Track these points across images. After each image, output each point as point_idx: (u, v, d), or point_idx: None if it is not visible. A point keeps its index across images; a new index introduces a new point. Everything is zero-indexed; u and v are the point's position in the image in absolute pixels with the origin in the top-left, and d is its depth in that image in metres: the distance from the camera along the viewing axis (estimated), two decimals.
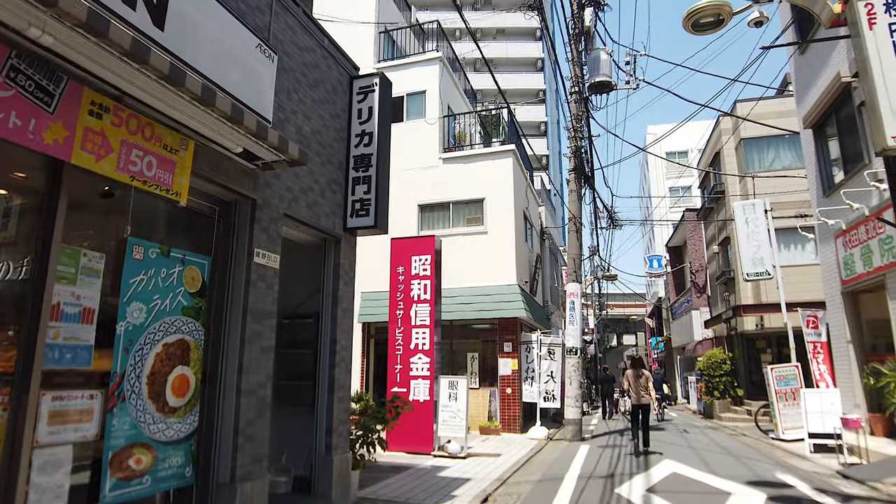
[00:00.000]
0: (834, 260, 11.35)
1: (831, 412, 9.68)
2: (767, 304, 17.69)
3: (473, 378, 14.25)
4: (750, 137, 19.38)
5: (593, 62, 14.23)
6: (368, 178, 6.10)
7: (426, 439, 10.02)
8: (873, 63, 5.46)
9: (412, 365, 10.36)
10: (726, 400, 19.47)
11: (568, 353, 13.10)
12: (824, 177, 11.69)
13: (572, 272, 13.60)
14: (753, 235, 14.22)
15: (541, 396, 13.42)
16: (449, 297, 14.10)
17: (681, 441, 12.30)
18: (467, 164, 15.20)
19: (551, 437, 13.08)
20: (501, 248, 14.29)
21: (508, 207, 14.52)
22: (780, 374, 12.33)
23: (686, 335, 27.20)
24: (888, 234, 9.17)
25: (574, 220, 13.57)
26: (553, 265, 21.90)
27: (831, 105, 10.87)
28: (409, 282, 10.67)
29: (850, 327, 10.95)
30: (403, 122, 16.08)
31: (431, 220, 15.32)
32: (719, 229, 21.72)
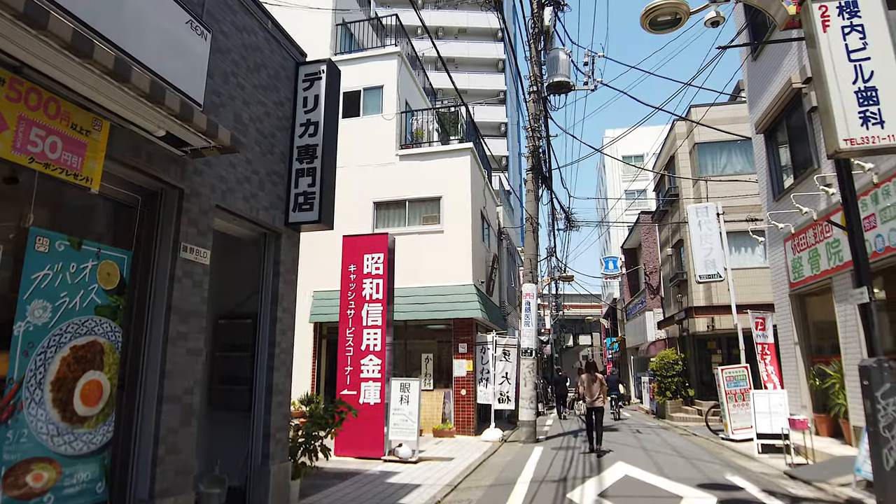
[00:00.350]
0: (783, 263, 11.54)
1: (779, 413, 9.80)
2: (718, 305, 18.01)
3: (428, 380, 13.99)
4: (704, 142, 19.72)
5: (552, 62, 14.17)
6: (313, 171, 5.75)
7: (376, 444, 9.69)
8: (826, 65, 5.43)
9: (363, 367, 10.02)
10: (678, 400, 19.77)
11: (523, 353, 12.97)
12: (775, 181, 11.89)
13: (528, 272, 13.48)
14: (706, 238, 14.40)
15: (495, 398, 13.25)
16: (403, 296, 13.80)
17: (634, 442, 12.32)
18: (424, 161, 14.92)
19: (505, 439, 12.93)
20: (458, 248, 14.07)
21: (465, 206, 14.31)
22: (729, 375, 12.48)
23: (640, 336, 27.60)
24: (835, 237, 9.33)
25: (531, 219, 13.45)
26: (510, 266, 21.84)
27: (782, 111, 11.05)
28: (360, 281, 10.33)
29: (798, 329, 11.16)
30: (360, 117, 15.71)
31: (387, 218, 14.98)
32: (673, 232, 22.07)
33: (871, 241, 8.29)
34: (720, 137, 19.40)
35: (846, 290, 9.06)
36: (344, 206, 14.86)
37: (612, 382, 19.59)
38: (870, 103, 5.24)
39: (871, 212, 8.23)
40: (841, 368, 9.47)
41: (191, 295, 4.42)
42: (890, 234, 7.81)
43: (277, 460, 5.45)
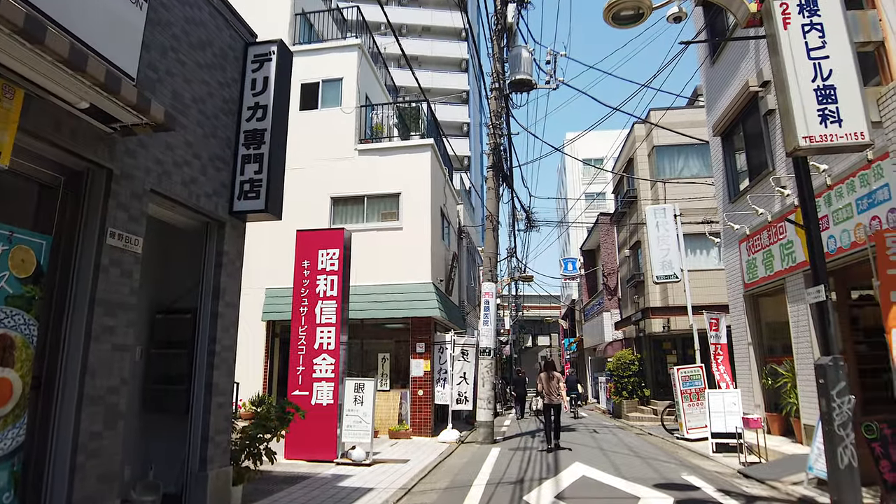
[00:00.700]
0: (738, 264, 11.70)
1: (733, 412, 9.89)
2: (674, 306, 18.27)
3: (384, 380, 13.68)
4: (662, 145, 20.01)
5: (514, 59, 14.08)
6: (260, 157, 5.42)
7: (329, 446, 9.36)
8: (787, 63, 5.40)
9: (315, 366, 9.66)
10: (634, 400, 19.98)
11: (482, 353, 12.81)
12: (731, 183, 12.05)
13: (488, 271, 13.33)
14: (663, 239, 14.54)
15: (453, 398, 13.04)
16: (360, 294, 13.46)
17: (591, 442, 12.29)
18: (384, 156, 14.61)
19: (463, 440, 12.73)
20: (417, 245, 13.81)
21: (425, 203, 14.06)
22: (685, 375, 12.60)
23: (597, 336, 27.87)
24: (789, 239, 9.47)
25: (491, 217, 13.30)
26: (470, 265, 21.71)
27: (739, 113, 11.18)
28: (314, 277, 9.96)
29: (751, 329, 11.31)
30: (318, 109, 15.30)
31: (345, 213, 14.61)
32: (631, 233, 22.33)
33: (823, 243, 8.40)
34: (678, 141, 19.72)
35: (799, 291, 9.20)
36: (300, 200, 14.48)
37: (571, 383, 20.20)
38: (828, 101, 5.23)
39: (823, 213, 8.34)
40: (793, 368, 9.61)
41: (119, 286, 4.04)
42: (842, 235, 7.93)
43: (217, 465, 5.09)
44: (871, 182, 7.26)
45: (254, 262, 14.24)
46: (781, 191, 9.04)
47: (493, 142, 13.64)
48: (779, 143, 9.79)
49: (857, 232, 7.57)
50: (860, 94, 5.17)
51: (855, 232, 7.60)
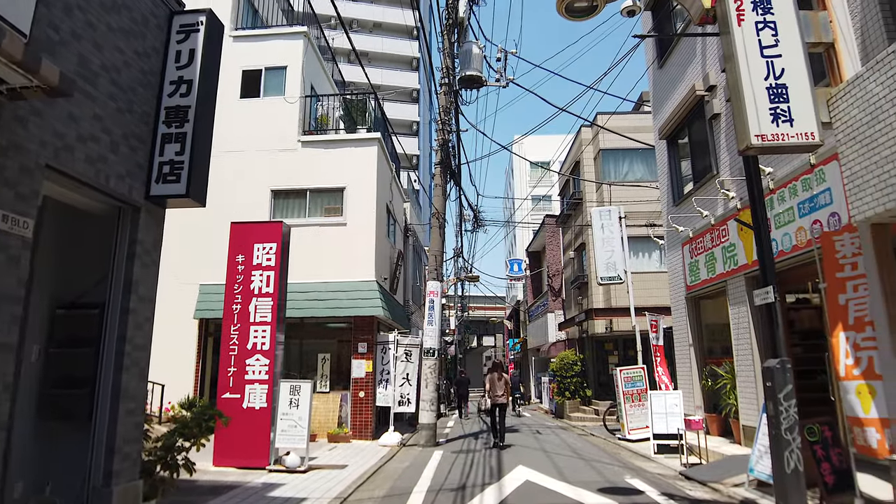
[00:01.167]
0: (680, 266, 11.80)
1: (674, 413, 9.91)
2: (617, 308, 18.48)
3: (324, 381, 13.14)
4: (608, 149, 20.23)
5: (465, 55, 13.79)
6: (183, 136, 4.89)
7: (261, 452, 8.80)
8: (740, 61, 5.31)
9: (248, 367, 9.07)
10: (576, 400, 20.11)
11: (425, 354, 12.47)
12: (675, 186, 12.16)
13: (433, 269, 13.00)
14: (608, 241, 14.60)
15: (395, 400, 12.64)
16: (301, 292, 12.89)
17: (534, 443, 12.15)
18: (329, 149, 14.06)
19: (405, 443, 12.35)
20: (361, 242, 13.35)
21: (370, 199, 13.61)
22: (627, 376, 12.64)
23: (541, 337, 28.03)
24: (731, 242, 9.56)
25: (438, 214, 12.98)
26: (416, 264, 21.35)
27: (685, 117, 11.28)
28: (249, 273, 9.37)
29: (692, 331, 11.43)
30: (259, 97, 14.59)
31: (286, 207, 13.98)
32: (576, 235, 22.50)
33: None
34: (624, 145, 19.99)
35: (740, 293, 9.30)
36: (239, 192, 13.78)
37: (514, 383, 20.39)
38: (780, 100, 5.16)
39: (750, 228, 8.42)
40: (732, 369, 9.72)
41: (3, 275, 3.47)
42: (783, 238, 8.01)
43: (125, 479, 4.54)
44: (814, 186, 7.34)
45: (186, 257, 13.47)
46: (726, 193, 9.11)
47: (442, 138, 13.33)
48: (723, 147, 9.89)
49: (798, 235, 7.65)
50: (811, 94, 5.12)
51: (796, 235, 7.69)
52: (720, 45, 9.80)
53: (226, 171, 13.85)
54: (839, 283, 5.25)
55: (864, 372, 4.83)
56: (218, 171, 13.98)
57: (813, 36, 5.52)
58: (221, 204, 13.03)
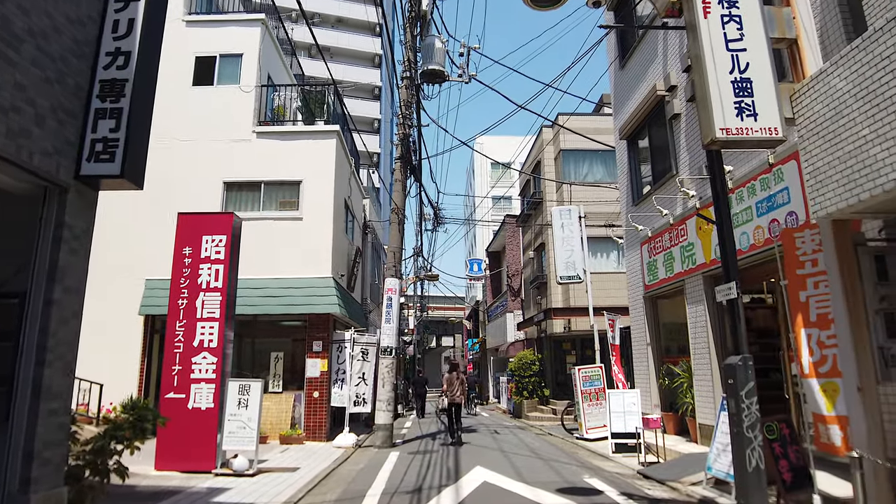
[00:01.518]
0: (639, 266, 11.85)
1: (632, 412, 9.91)
2: (575, 307, 18.54)
3: (277, 381, 12.68)
4: (569, 149, 20.32)
5: (427, 49, 13.56)
6: (118, 112, 4.48)
7: (207, 455, 8.35)
8: (706, 53, 5.24)
9: (195, 366, 8.60)
10: (534, 400, 20.11)
11: (382, 353, 12.16)
12: (635, 186, 12.21)
13: (392, 266, 12.71)
14: (567, 240, 14.60)
15: (351, 400, 12.28)
16: (254, 288, 12.42)
17: (492, 443, 11.99)
18: (285, 141, 13.61)
19: (360, 444, 12.02)
20: (317, 237, 12.94)
21: (328, 193, 13.22)
22: (585, 375, 12.62)
23: (500, 337, 28.03)
24: (689, 241, 9.60)
25: (397, 210, 12.70)
26: (375, 262, 20.99)
27: (646, 117, 11.32)
28: (197, 266, 8.89)
29: (650, 330, 11.47)
30: (213, 86, 14.02)
31: (239, 200, 13.45)
32: (536, 235, 22.54)
33: None
34: (584, 146, 20.12)
35: (698, 292, 9.34)
36: (189, 183, 13.18)
37: (470, 383, 20.41)
38: (745, 94, 5.10)
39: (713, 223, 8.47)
40: (689, 368, 9.77)
41: None
42: (741, 238, 8.05)
43: (45, 485, 4.11)
44: (772, 185, 7.39)
45: (133, 250, 12.81)
46: (686, 192, 9.13)
47: (402, 132, 13.06)
48: (683, 147, 9.94)
49: (756, 234, 7.70)
50: (775, 89, 5.08)
51: (754, 235, 7.73)
52: (681, 46, 9.87)
53: (176, 161, 13.26)
54: (800, 280, 5.23)
55: (829, 370, 4.81)
56: (168, 160, 13.46)
57: (777, 31, 5.51)
58: (171, 195, 12.47)
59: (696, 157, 9.39)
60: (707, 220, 6.33)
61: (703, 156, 9.17)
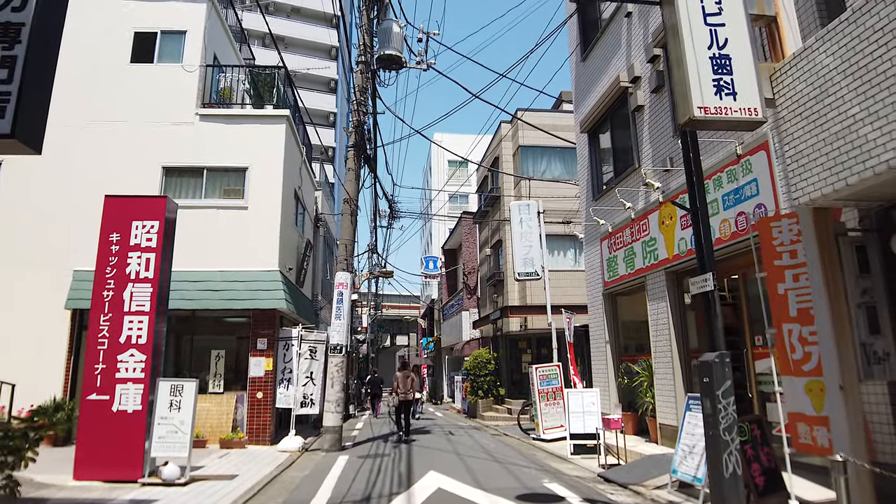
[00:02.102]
0: (598, 262, 11.58)
1: (591, 412, 9.58)
2: (532, 305, 18.28)
3: (218, 381, 11.84)
4: (527, 146, 20.04)
5: (384, 33, 12.96)
6: (12, 61, 3.76)
7: (133, 462, 7.56)
8: (683, 27, 4.87)
9: (121, 364, 7.79)
10: (489, 399, 19.76)
11: (332, 350, 11.50)
12: (595, 180, 11.94)
13: (343, 259, 12.05)
14: (526, 236, 14.25)
15: (297, 401, 11.57)
16: (193, 281, 11.58)
17: (446, 445, 11.50)
18: (231, 125, 12.76)
19: (307, 448, 11.33)
20: (264, 228, 12.17)
21: (276, 181, 12.47)
22: (542, 374, 12.29)
23: (455, 335, 27.62)
24: (652, 236, 9.34)
25: (350, 201, 12.05)
26: (328, 257, 20.21)
27: (608, 109, 11.05)
28: (125, 254, 8.07)
29: (609, 328, 11.21)
30: (153, 63, 13.04)
31: (179, 187, 12.54)
32: (493, 232, 22.21)
33: (686, 240, 8.30)
34: (542, 142, 19.89)
35: (660, 289, 9.08)
36: (124, 168, 12.17)
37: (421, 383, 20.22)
38: (724, 72, 4.75)
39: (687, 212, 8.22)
40: (650, 367, 9.52)
41: None
42: None
43: None
44: (739, 177, 7.15)
45: (60, 239, 11.73)
46: (651, 184, 8.85)
47: (357, 119, 12.42)
48: (646, 139, 9.68)
49: (722, 228, 7.45)
50: (755, 67, 4.76)
51: (720, 228, 7.49)
52: (646, 36, 9.61)
53: (111, 144, 12.27)
54: (778, 272, 4.93)
55: (815, 368, 4.49)
56: (102, 142, 12.43)
57: (756, 7, 5.20)
58: (105, 180, 11.45)
59: (660, 150, 9.14)
60: (680, 206, 5.99)
61: (667, 148, 8.93)
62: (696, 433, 6.19)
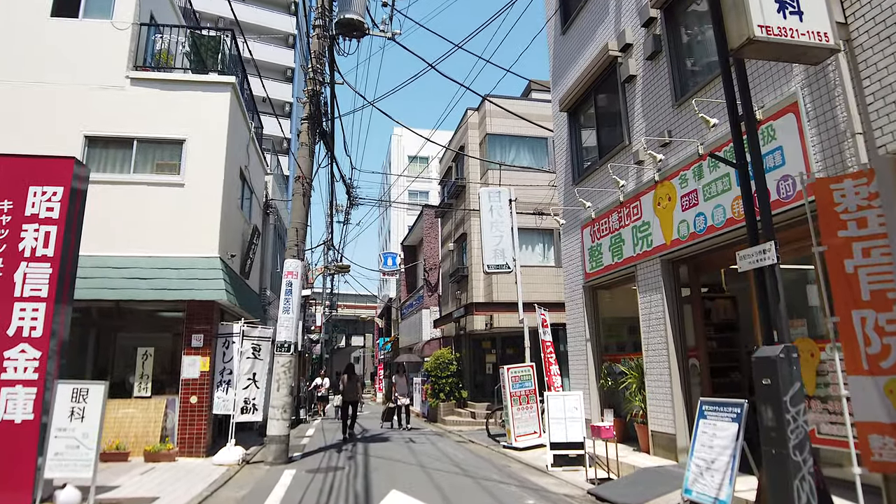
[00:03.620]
0: (579, 252, 10.54)
1: (574, 418, 8.49)
2: (499, 302, 17.19)
3: (145, 383, 10.27)
4: (495, 134, 18.97)
5: None
6: None
7: (21, 485, 6.03)
8: None
9: (8, 363, 6.22)
10: (451, 402, 18.59)
11: (279, 349, 10.08)
12: (576, 163, 10.91)
13: (294, 245, 10.62)
14: (497, 225, 13.13)
15: (237, 407, 10.10)
16: (118, 268, 10.01)
17: (408, 456, 10.25)
18: (167, 91, 11.18)
19: (248, 460, 9.90)
20: (203, 209, 10.66)
21: (219, 156, 10.96)
22: (515, 375, 11.16)
23: (415, 335, 26.35)
24: (644, 220, 8.34)
25: (303, 179, 10.66)
26: (279, 248, 18.63)
27: (593, 83, 10.03)
28: (18, 226, 6.51)
29: (590, 325, 10.18)
30: (78, 18, 11.34)
31: (105, 159, 10.90)
32: (457, 225, 21.06)
33: (688, 222, 7.31)
34: (511, 131, 18.90)
35: (654, 278, 8.07)
36: (41, 135, 10.38)
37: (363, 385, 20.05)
38: None
39: (692, 188, 7.24)
40: (639, 366, 8.52)
41: None
42: (715, 212, 6.83)
43: None
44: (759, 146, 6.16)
45: None
46: (654, 155, 7.83)
47: (312, 88, 11.03)
48: (638, 113, 8.68)
49: (735, 207, 6.46)
50: None
51: (732, 207, 6.50)
52: None
53: (26, 108, 10.56)
54: (842, 246, 3.91)
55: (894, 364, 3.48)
56: (15, 106, 10.63)
57: None
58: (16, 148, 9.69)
59: (656, 123, 8.14)
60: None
61: (665, 120, 7.94)
62: (716, 445, 5.14)
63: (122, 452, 9.45)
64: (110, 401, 10.04)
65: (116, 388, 10.37)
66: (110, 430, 9.82)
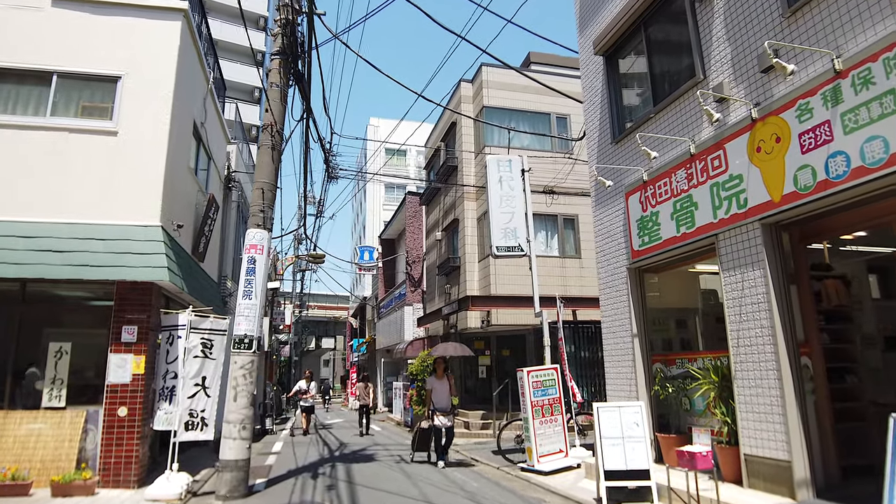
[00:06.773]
0: (621, 226, 8.44)
1: (634, 437, 6.36)
2: (497, 296, 15.04)
3: (58, 389, 7.80)
4: (493, 107, 16.84)
5: None
6: None
7: None
8: None
9: None
10: None
11: (237, 346, 7.71)
12: (615, 118, 8.81)
13: (259, 212, 8.23)
14: (507, 199, 10.98)
15: (181, 421, 7.67)
16: (25, 236, 7.63)
17: (405, 485, 7.98)
18: (99, 15, 8.74)
19: (195, 491, 7.54)
20: (141, 163, 8.26)
21: (164, 100, 8.57)
22: (536, 380, 8.99)
23: (394, 335, 24.02)
24: (733, 173, 6.26)
25: (272, 127, 8.32)
26: (242, 232, 16.09)
27: (643, 13, 7.96)
28: None
29: (637, 317, 8.07)
30: None
31: (15, 98, 8.43)
32: (446, 211, 18.86)
33: (815, 168, 5.25)
34: (511, 105, 16.88)
35: (747, 250, 6.00)
36: None
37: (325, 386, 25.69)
38: None
39: (823, 118, 5.18)
40: (718, 367, 6.46)
41: None
42: (865, 148, 4.77)
43: None
44: None
45: None
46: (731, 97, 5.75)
47: (284, 17, 8.71)
48: (719, 38, 6.61)
49: None
50: None
51: None
52: None
53: None
54: None
55: None
56: None
57: None
58: None
59: (748, 45, 6.09)
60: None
61: (760, 39, 5.89)
62: None
63: (21, 484, 7.00)
64: (9, 413, 7.61)
65: (19, 396, 7.91)
66: (8, 452, 7.40)
